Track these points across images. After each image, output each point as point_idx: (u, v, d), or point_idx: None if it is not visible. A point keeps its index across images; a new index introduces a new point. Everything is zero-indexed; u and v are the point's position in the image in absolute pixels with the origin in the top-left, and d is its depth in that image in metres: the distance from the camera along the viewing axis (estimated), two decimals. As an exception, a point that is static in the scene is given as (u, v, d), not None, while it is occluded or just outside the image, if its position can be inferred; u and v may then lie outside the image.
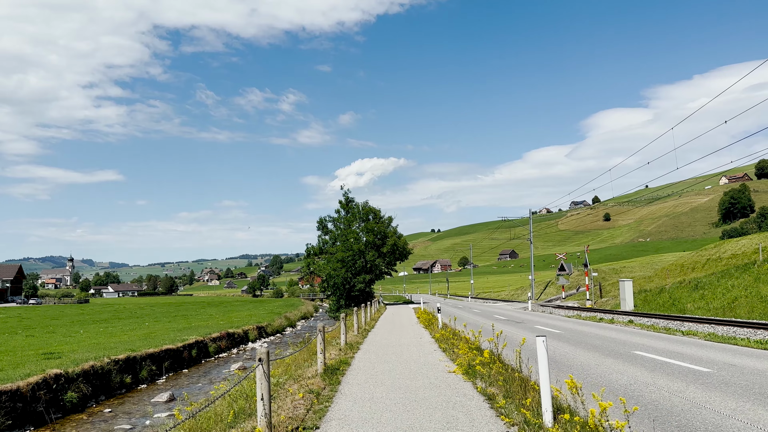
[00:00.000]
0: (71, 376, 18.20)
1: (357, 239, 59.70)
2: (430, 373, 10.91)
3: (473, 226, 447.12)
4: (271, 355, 6.70)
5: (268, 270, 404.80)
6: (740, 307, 23.42)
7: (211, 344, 33.33)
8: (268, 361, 6.54)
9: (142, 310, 66.43)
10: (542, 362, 6.41)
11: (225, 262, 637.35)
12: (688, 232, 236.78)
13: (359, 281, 57.57)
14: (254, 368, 6.56)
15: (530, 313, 35.23)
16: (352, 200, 64.26)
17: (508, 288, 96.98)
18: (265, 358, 6.47)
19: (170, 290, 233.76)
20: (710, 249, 41.81)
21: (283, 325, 50.82)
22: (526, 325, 23.61)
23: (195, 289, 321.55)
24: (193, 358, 29.28)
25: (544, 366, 6.41)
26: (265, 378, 6.47)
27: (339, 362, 12.77)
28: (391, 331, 22.40)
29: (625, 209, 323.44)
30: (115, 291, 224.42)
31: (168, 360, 27.05)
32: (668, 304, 29.79)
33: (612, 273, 59.41)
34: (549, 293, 62.07)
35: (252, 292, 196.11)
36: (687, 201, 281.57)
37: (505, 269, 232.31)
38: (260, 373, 6.45)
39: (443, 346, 14.87)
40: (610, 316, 26.42)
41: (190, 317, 50.93)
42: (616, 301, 38.26)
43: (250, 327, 41.86)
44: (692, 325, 19.59)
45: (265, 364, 6.47)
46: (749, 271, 27.14)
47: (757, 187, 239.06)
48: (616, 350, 13.49)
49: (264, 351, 6.52)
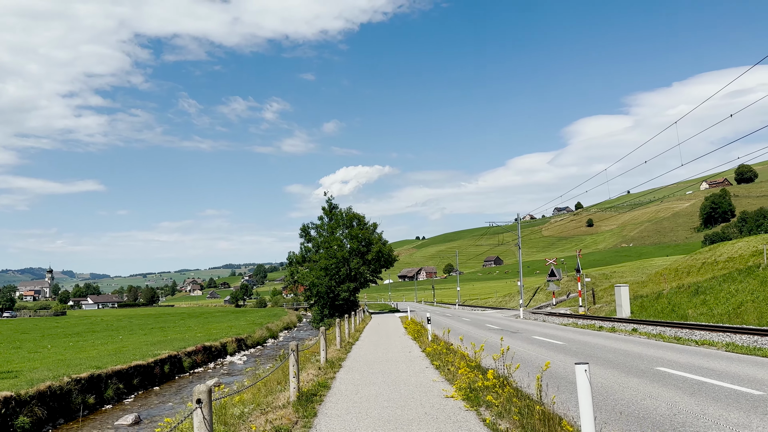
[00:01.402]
0: (24, 398, 16.36)
1: (341, 246, 57.81)
2: (425, 399, 9.17)
3: (458, 233, 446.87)
4: (221, 390, 4.94)
5: (252, 279, 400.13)
6: (747, 312, 22.03)
7: (186, 359, 31.57)
8: (210, 404, 4.72)
9: (119, 322, 64.37)
10: (584, 399, 4.68)
11: (208, 272, 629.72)
12: (671, 236, 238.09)
13: (343, 290, 55.64)
14: (191, 412, 4.71)
15: (523, 321, 33.61)
16: (336, 207, 62.42)
17: (495, 295, 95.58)
18: (205, 399, 4.65)
19: (151, 301, 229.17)
20: (705, 252, 40.63)
21: (264, 336, 48.81)
22: (523, 335, 21.94)
23: (177, 299, 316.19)
24: (165, 374, 27.69)
25: (587, 405, 4.67)
26: (206, 426, 4.66)
27: (317, 385, 10.95)
28: (377, 343, 20.60)
29: (608, 215, 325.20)
30: (94, 303, 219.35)
31: (137, 377, 25.36)
32: (667, 310, 28.38)
33: (602, 278, 58.21)
34: (539, 299, 60.64)
35: (235, 303, 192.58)
36: (669, 206, 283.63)
37: (491, 276, 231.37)
38: (198, 419, 4.64)
39: (437, 363, 13.12)
40: (610, 324, 24.88)
41: (167, 329, 49.10)
42: (611, 308, 36.85)
43: (229, 339, 39.97)
44: (703, 334, 18.06)
45: (205, 407, 4.66)
46: (754, 274, 25.81)
47: (737, 192, 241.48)
48: (636, 366, 11.83)
49: (204, 390, 4.69)
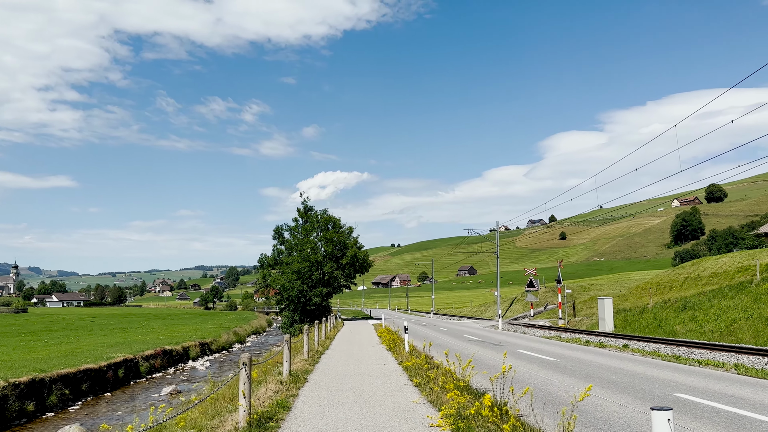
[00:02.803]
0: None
1: (315, 249, 55.83)
2: (405, 428, 7.46)
3: (433, 242, 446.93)
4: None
5: (224, 282, 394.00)
6: (742, 330, 20.82)
7: (144, 363, 29.62)
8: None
9: (81, 321, 61.86)
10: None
11: (179, 273, 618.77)
12: (641, 252, 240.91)
13: (315, 294, 53.62)
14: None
15: (503, 332, 32.10)
16: (312, 209, 60.50)
17: (470, 304, 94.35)
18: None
19: (119, 301, 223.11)
20: (687, 267, 39.75)
21: (230, 341, 46.64)
22: (508, 348, 20.32)
23: (145, 300, 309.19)
24: (119, 380, 25.89)
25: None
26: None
27: (275, 405, 9.12)
28: (349, 353, 18.81)
29: (581, 229, 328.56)
30: (59, 301, 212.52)
31: (87, 382, 23.39)
32: (653, 326, 27.15)
33: (580, 290, 57.28)
34: (515, 310, 59.46)
35: (204, 305, 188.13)
36: (640, 222, 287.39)
37: (464, 285, 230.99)
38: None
39: (417, 380, 11.40)
40: (598, 339, 23.48)
41: (129, 331, 46.91)
42: (592, 321, 35.64)
43: (192, 343, 37.87)
44: (704, 353, 16.67)
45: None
46: (746, 290, 24.68)
47: (707, 211, 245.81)
48: (649, 391, 10.22)
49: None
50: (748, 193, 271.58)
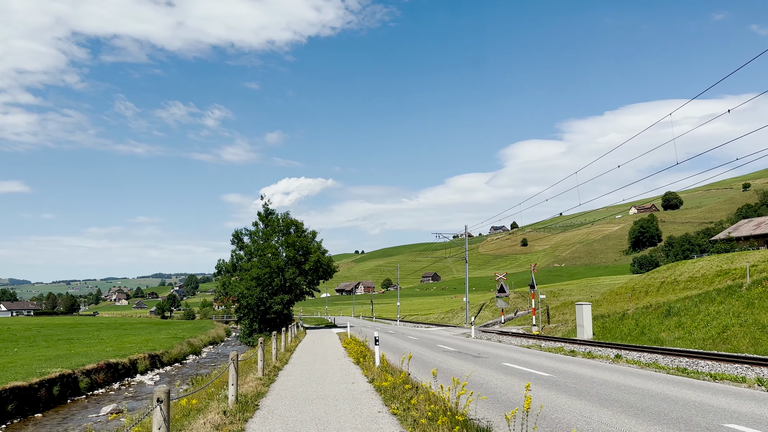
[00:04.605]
0: None
1: (276, 254, 53.00)
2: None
3: (397, 248, 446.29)
4: None
5: (183, 290, 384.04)
6: (736, 338, 19.33)
7: (84, 378, 26.82)
8: None
9: (27, 331, 57.54)
10: None
11: (136, 281, 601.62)
12: (601, 258, 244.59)
13: (276, 302, 50.78)
14: None
15: (477, 341, 30.10)
16: (273, 212, 57.68)
17: (436, 311, 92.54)
18: None
19: (71, 310, 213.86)
20: (663, 271, 38.66)
21: (184, 352, 43.57)
22: (489, 360, 18.24)
23: (100, 308, 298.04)
24: (54, 398, 23.27)
25: None
26: None
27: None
28: (311, 369, 16.43)
29: (541, 235, 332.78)
30: (8, 310, 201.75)
31: (13, 402, 20.55)
32: (635, 333, 25.60)
33: (551, 296, 56.08)
34: (484, 317, 57.80)
35: (161, 314, 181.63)
36: (599, 229, 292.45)
37: (428, 291, 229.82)
38: None
39: (395, 408, 9.16)
40: (582, 348, 21.67)
41: (76, 342, 43.56)
42: (567, 327, 34.07)
43: (141, 356, 34.90)
44: (713, 364, 14.92)
45: None
46: (736, 295, 23.31)
47: (663, 218, 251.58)
48: (688, 419, 8.08)
49: None
50: (703, 201, 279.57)
